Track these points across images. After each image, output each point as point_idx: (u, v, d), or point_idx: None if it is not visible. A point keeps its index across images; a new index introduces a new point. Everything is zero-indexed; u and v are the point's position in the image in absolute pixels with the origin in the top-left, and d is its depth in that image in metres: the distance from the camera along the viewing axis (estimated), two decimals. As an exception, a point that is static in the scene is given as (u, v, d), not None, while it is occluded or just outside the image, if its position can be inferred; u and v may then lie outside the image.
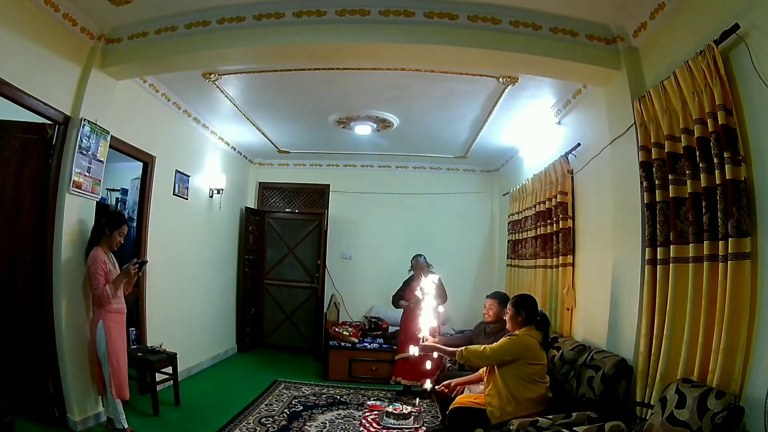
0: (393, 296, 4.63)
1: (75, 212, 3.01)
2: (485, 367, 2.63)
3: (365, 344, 4.88)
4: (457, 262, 5.87)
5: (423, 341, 2.93)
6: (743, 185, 1.88)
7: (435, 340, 3.29)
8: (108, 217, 3.17)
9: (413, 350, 3.26)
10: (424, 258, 4.57)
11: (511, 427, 2.19)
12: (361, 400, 3.99)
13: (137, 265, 2.99)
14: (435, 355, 3.09)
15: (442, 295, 4.37)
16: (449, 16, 2.75)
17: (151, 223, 3.93)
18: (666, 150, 2.31)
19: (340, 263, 6.15)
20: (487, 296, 3.45)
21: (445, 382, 2.92)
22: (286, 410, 3.65)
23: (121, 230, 3.03)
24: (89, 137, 3.06)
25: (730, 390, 1.80)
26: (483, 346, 2.57)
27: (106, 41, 3.14)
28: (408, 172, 6.28)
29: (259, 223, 6.27)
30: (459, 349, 2.63)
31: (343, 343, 4.81)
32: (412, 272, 4.59)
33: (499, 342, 2.53)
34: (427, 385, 3.74)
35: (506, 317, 2.71)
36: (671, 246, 2.24)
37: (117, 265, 3.05)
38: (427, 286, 3.21)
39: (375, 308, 5.77)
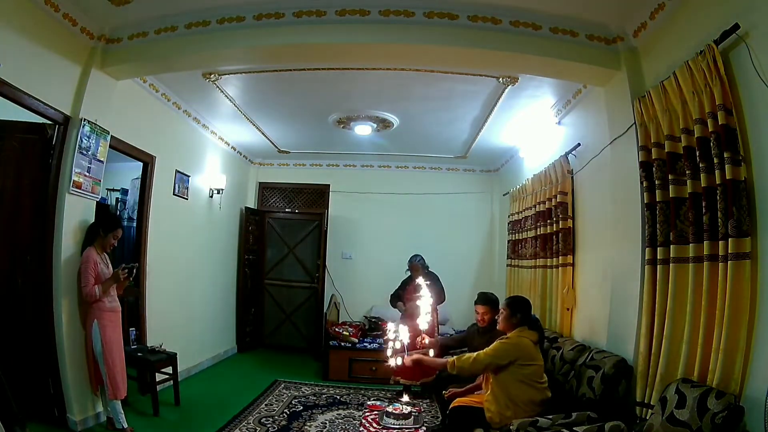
0: (391, 296, 4.63)
1: (75, 212, 3.01)
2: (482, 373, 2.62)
3: (365, 344, 4.88)
4: (457, 262, 5.87)
5: (420, 342, 2.93)
6: (743, 185, 1.87)
7: (431, 341, 3.29)
8: (104, 218, 3.17)
9: (393, 361, 3.25)
10: (420, 258, 4.57)
11: (511, 427, 2.19)
12: (361, 400, 3.99)
13: (126, 270, 2.96)
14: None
15: (440, 294, 4.36)
16: (449, 16, 2.75)
17: (151, 223, 3.93)
18: (666, 150, 2.31)
19: (340, 263, 6.15)
20: (476, 302, 3.36)
21: (451, 391, 2.92)
22: (286, 410, 3.65)
23: (115, 233, 3.03)
24: (89, 137, 3.06)
25: (730, 390, 1.80)
26: (475, 353, 2.53)
27: (106, 41, 3.14)
28: (408, 172, 6.28)
29: (259, 223, 6.27)
30: (449, 360, 2.58)
31: (343, 343, 4.81)
32: (409, 273, 4.60)
33: (491, 347, 2.50)
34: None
35: (499, 317, 2.68)
36: (671, 246, 2.24)
37: (110, 266, 3.05)
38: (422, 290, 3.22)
39: (375, 308, 5.78)
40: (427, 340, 3.42)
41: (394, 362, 2.87)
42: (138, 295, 3.83)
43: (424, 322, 3.24)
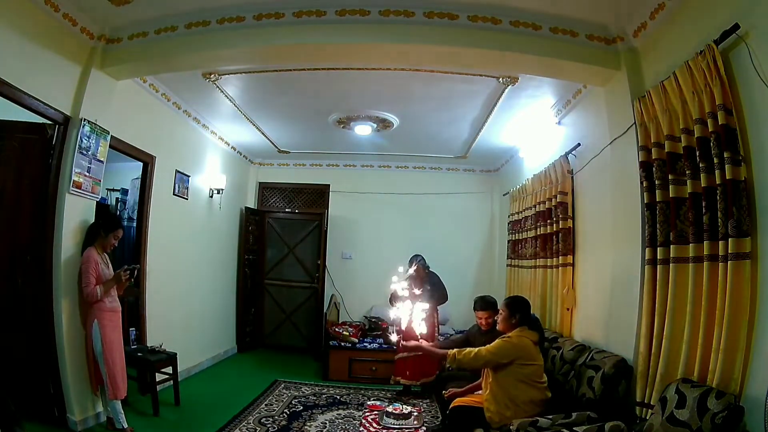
0: (390, 295, 4.61)
1: (75, 212, 3.01)
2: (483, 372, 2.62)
3: (365, 344, 4.88)
4: (458, 262, 5.86)
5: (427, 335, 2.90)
6: (743, 185, 1.88)
7: (433, 344, 3.28)
8: (105, 219, 3.18)
9: (394, 337, 3.26)
10: (421, 259, 4.56)
11: (511, 427, 2.19)
12: (361, 400, 3.99)
13: (128, 271, 2.97)
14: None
15: (442, 294, 4.36)
16: (449, 16, 2.75)
17: (151, 223, 3.93)
18: (666, 150, 2.31)
19: (340, 263, 6.15)
20: (476, 309, 3.36)
21: (450, 391, 2.92)
22: (286, 410, 3.65)
23: (116, 234, 3.04)
24: (89, 137, 3.06)
25: (730, 390, 1.80)
26: (476, 348, 2.53)
27: (106, 41, 3.14)
28: (408, 172, 6.28)
29: (259, 223, 6.27)
30: (450, 351, 2.58)
31: (343, 343, 4.81)
32: (410, 273, 4.58)
33: (493, 344, 2.50)
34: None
35: (498, 317, 2.68)
36: (671, 246, 2.24)
37: (110, 266, 3.05)
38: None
39: (375, 308, 5.77)
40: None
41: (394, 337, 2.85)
42: (138, 295, 3.83)
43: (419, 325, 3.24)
